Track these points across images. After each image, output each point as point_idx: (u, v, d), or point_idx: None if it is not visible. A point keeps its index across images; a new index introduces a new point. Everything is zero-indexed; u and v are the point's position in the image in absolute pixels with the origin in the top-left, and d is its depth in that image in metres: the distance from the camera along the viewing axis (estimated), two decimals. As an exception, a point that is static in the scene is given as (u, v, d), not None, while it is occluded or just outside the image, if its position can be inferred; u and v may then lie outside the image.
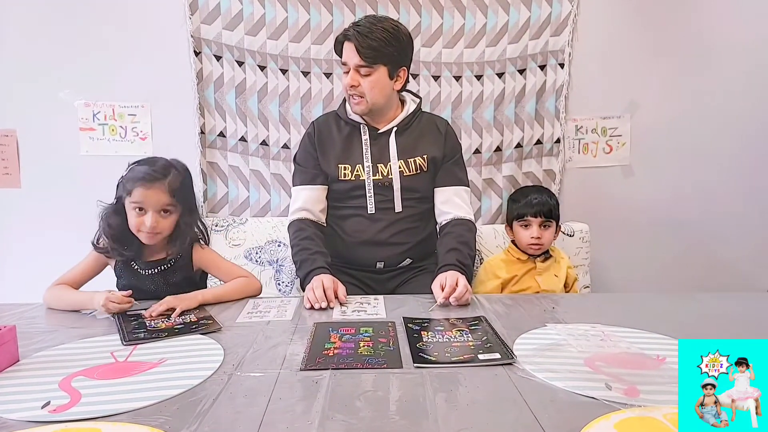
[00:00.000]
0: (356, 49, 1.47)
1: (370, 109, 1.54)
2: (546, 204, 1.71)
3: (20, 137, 2.13)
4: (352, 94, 1.52)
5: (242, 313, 1.24)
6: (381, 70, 1.50)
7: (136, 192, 1.28)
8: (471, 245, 1.55)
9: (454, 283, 1.30)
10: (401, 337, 1.07)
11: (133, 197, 1.28)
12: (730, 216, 2.31)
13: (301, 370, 0.91)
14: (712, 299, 1.37)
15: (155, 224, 1.29)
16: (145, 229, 1.30)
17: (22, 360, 0.96)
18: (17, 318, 1.22)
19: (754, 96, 2.25)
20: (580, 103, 2.21)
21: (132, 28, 2.08)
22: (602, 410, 0.76)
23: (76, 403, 0.79)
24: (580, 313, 1.23)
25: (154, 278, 1.37)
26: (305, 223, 1.58)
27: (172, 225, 1.34)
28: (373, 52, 1.47)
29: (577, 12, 2.14)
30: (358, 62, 1.48)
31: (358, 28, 1.48)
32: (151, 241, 1.33)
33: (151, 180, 1.28)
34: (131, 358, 0.97)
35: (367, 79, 1.50)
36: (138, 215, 1.29)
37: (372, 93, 1.51)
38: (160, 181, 1.29)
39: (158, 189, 1.29)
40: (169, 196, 1.30)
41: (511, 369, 0.91)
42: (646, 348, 1.00)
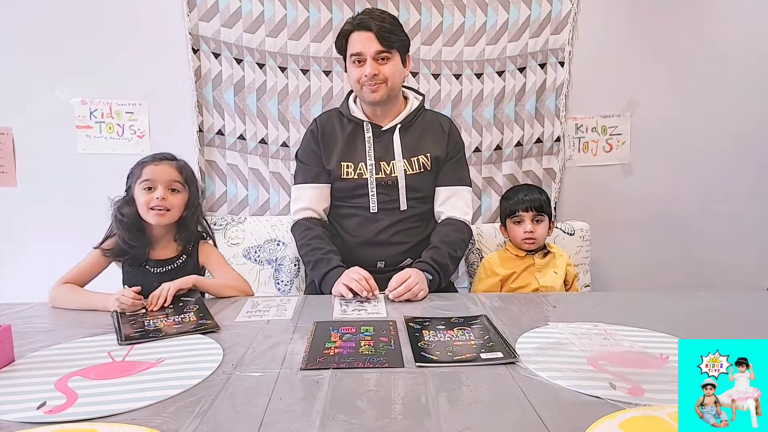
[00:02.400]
0: (376, 35, 1.46)
1: (388, 95, 1.52)
2: (536, 199, 1.73)
3: (16, 135, 2.11)
4: (371, 83, 1.49)
5: (241, 313, 1.22)
6: (397, 56, 1.52)
7: (146, 170, 1.33)
8: (455, 244, 1.54)
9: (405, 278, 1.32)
10: (402, 336, 1.06)
11: (143, 176, 1.33)
12: (730, 214, 2.31)
13: (302, 370, 0.89)
14: (713, 298, 1.36)
15: (164, 197, 1.32)
16: (155, 203, 1.31)
17: (17, 360, 0.95)
18: (12, 317, 1.20)
19: (755, 94, 2.24)
20: (580, 102, 2.21)
21: (129, 25, 2.07)
22: (607, 410, 0.75)
23: (72, 403, 0.78)
24: (581, 312, 1.22)
25: (163, 277, 1.37)
26: (312, 222, 1.57)
27: (180, 208, 1.36)
28: (392, 36, 1.48)
29: (577, 10, 2.13)
30: (379, 48, 1.47)
31: (372, 16, 1.48)
32: (161, 221, 1.34)
33: (160, 159, 1.36)
34: (128, 357, 0.96)
35: (386, 65, 1.49)
36: (147, 193, 1.32)
37: (393, 78, 1.51)
38: (169, 161, 1.37)
39: (167, 165, 1.35)
40: (177, 173, 1.36)
41: (513, 368, 0.90)
42: (648, 347, 0.99)
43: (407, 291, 1.31)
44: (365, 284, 1.32)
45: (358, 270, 1.37)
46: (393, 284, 1.32)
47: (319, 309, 1.26)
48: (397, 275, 1.35)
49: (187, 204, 1.38)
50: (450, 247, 1.52)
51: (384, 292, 1.34)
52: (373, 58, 1.48)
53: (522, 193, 1.76)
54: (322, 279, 1.45)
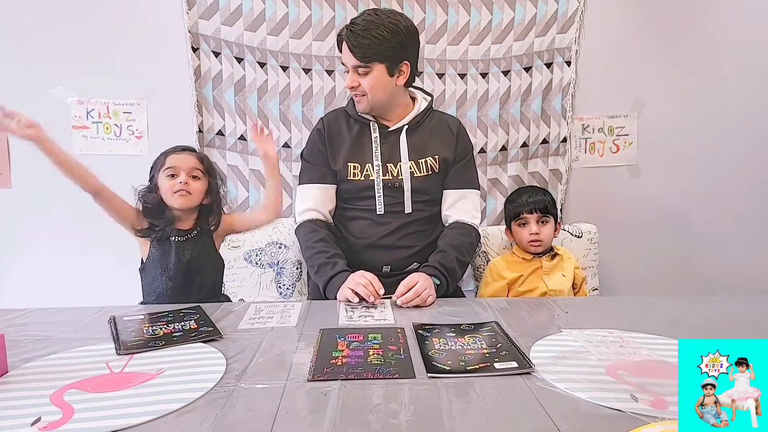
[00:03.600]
0: (349, 49, 1.44)
1: (372, 107, 1.51)
2: (540, 200, 1.71)
3: (11, 135, 2.07)
4: (354, 93, 1.50)
5: (244, 319, 1.18)
6: (378, 68, 1.45)
7: (168, 159, 1.42)
8: (462, 248, 1.51)
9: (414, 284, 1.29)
10: (411, 344, 1.02)
11: (166, 164, 1.41)
12: (738, 215, 2.29)
13: (309, 381, 0.86)
14: (727, 301, 1.33)
15: (187, 181, 1.40)
16: (178, 187, 1.38)
17: (10, 371, 0.90)
18: (6, 325, 1.15)
19: (762, 94, 2.22)
20: (586, 102, 2.18)
21: (127, 23, 2.03)
22: (630, 423, 0.72)
23: (69, 419, 0.74)
24: (593, 318, 1.19)
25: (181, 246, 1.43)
26: (317, 224, 1.54)
27: (201, 193, 1.43)
28: (367, 50, 1.42)
29: (584, 9, 2.11)
30: (354, 62, 1.45)
31: (353, 27, 1.44)
32: (184, 203, 1.40)
33: (182, 149, 1.46)
34: (127, 368, 0.92)
35: (365, 78, 1.46)
36: (171, 180, 1.40)
37: (372, 91, 1.47)
38: (189, 151, 1.47)
39: (188, 154, 1.45)
40: (198, 161, 1.44)
41: (529, 378, 0.87)
42: (666, 355, 0.96)
43: (416, 296, 1.27)
44: (372, 289, 1.29)
45: (364, 274, 1.34)
46: (401, 289, 1.29)
47: (324, 315, 1.22)
48: (405, 280, 1.32)
49: (208, 190, 1.45)
50: (458, 252, 1.49)
51: (392, 296, 1.31)
52: (353, 69, 1.47)
53: (526, 195, 1.74)
54: (327, 283, 1.41)
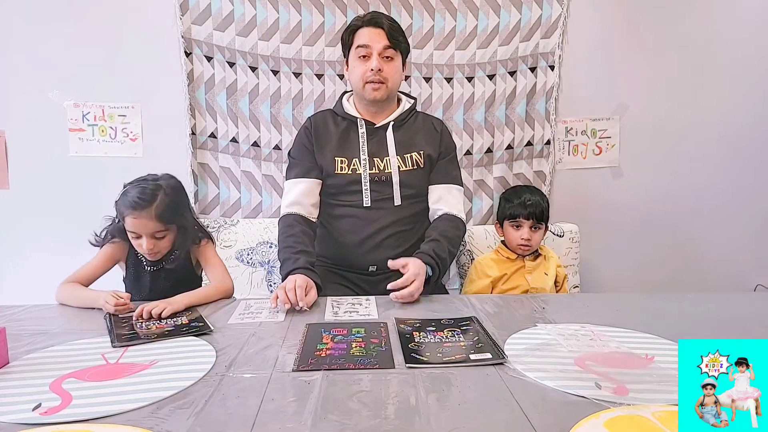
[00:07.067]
0: (387, 32, 1.51)
1: (388, 95, 1.56)
2: (539, 206, 1.73)
3: (8, 138, 2.11)
4: (374, 80, 1.52)
5: (234, 315, 1.23)
6: (399, 59, 1.56)
7: (127, 221, 1.34)
8: (453, 241, 1.54)
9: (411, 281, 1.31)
10: (393, 337, 1.07)
11: (126, 225, 1.35)
12: (718, 216, 2.35)
13: (294, 371, 0.91)
14: (700, 299, 1.38)
15: (152, 246, 1.35)
16: (143, 251, 1.37)
17: (12, 362, 0.95)
18: (6, 320, 1.20)
19: (742, 97, 2.28)
20: (569, 105, 2.23)
21: (122, 29, 2.07)
22: (592, 409, 0.77)
23: (67, 405, 0.79)
24: (570, 313, 1.24)
25: (156, 275, 1.43)
26: (295, 219, 1.55)
27: (170, 244, 1.41)
28: (399, 35, 1.54)
29: (566, 14, 2.16)
30: (386, 44, 1.51)
31: (374, 14, 1.55)
32: (157, 257, 1.40)
33: (138, 208, 1.32)
34: (122, 360, 0.96)
35: (389, 64, 1.53)
36: (135, 238, 1.36)
37: (393, 79, 1.55)
38: (147, 209, 1.32)
39: (146, 218, 1.32)
40: (156, 222, 1.34)
41: (502, 369, 0.92)
42: (635, 347, 1.01)
43: (409, 296, 1.30)
44: (292, 296, 1.25)
45: (297, 277, 1.31)
46: (400, 283, 1.31)
47: (311, 311, 1.27)
48: (406, 275, 1.32)
49: (176, 234, 1.41)
50: (450, 243, 1.51)
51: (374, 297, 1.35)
52: (379, 54, 1.52)
53: (525, 197, 1.75)
54: (285, 278, 1.39)
